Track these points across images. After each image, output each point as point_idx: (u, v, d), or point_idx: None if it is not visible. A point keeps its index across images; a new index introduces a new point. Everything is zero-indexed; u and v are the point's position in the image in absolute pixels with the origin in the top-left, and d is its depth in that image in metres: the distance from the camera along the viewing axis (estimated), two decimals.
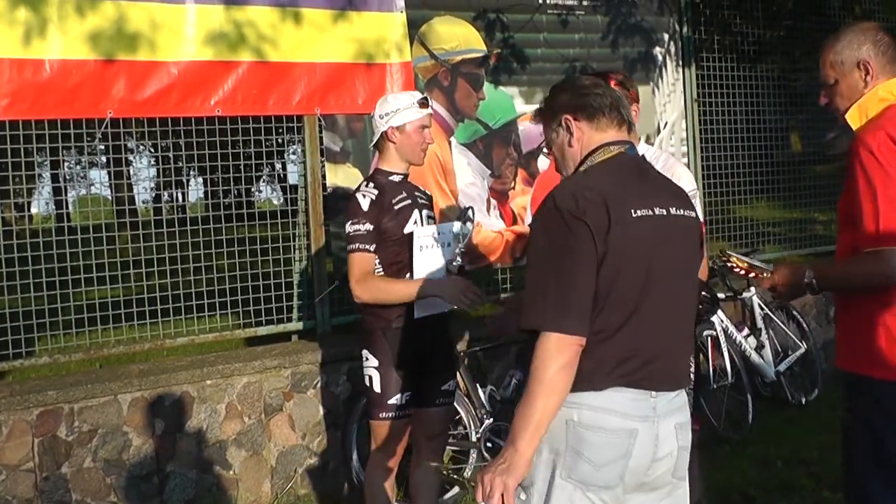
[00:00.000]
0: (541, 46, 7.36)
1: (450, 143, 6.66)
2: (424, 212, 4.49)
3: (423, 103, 4.41)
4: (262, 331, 6.16)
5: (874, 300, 3.18)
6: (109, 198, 7.56)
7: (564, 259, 2.62)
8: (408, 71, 6.42)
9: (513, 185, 7.01)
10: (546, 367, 2.56)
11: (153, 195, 8.56)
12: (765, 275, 3.53)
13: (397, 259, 4.35)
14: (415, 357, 4.42)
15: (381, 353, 4.38)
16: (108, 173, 7.44)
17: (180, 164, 6.47)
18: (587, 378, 2.64)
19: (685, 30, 8.10)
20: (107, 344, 5.73)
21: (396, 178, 4.44)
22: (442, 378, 4.59)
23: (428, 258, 4.36)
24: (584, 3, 7.52)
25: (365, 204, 4.29)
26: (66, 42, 5.46)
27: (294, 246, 6.30)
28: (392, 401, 4.37)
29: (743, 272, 3.86)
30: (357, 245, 4.28)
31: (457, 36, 6.77)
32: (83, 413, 5.25)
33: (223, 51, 5.81)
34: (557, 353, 2.56)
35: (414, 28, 6.54)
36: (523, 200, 7.05)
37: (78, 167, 9.21)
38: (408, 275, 4.36)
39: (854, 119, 3.32)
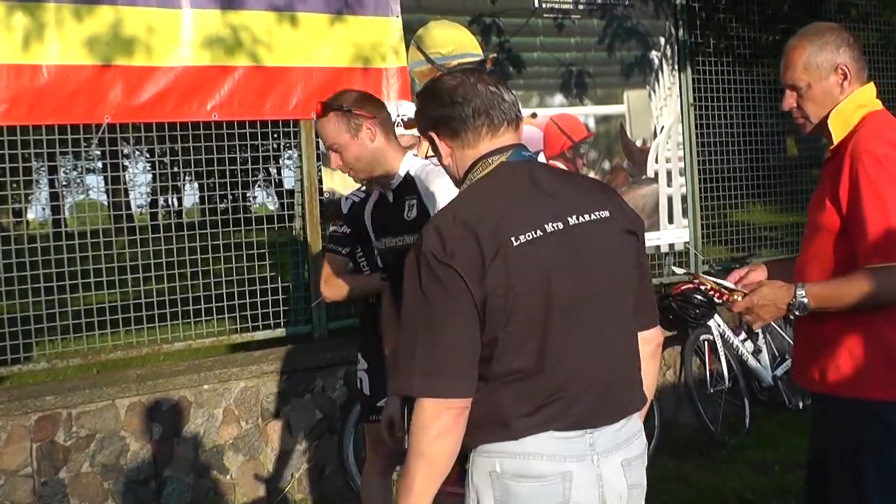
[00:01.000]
0: (537, 50, 7.37)
1: None
2: None
3: (408, 125, 4.37)
4: (259, 335, 6.16)
5: (882, 318, 2.97)
6: (106, 203, 7.55)
7: (433, 312, 2.27)
8: (404, 75, 6.43)
9: None
10: (422, 437, 2.26)
11: (149, 200, 8.58)
12: (737, 297, 3.09)
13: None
14: None
15: (371, 356, 4.38)
16: (105, 178, 7.44)
17: (176, 169, 6.48)
18: (503, 427, 2.32)
19: (681, 33, 8.11)
20: (104, 349, 5.74)
21: None
22: None
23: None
24: (580, 6, 7.53)
25: (346, 207, 4.33)
26: (64, 47, 5.47)
27: (290, 251, 6.31)
28: (381, 403, 4.36)
29: (716, 294, 3.26)
30: (330, 246, 4.36)
31: (453, 40, 6.77)
32: (81, 418, 5.25)
33: (219, 55, 5.83)
34: (433, 420, 2.25)
35: (410, 32, 6.55)
36: None
37: (74, 173, 9.23)
38: None
39: (837, 127, 3.08)
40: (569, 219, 2.37)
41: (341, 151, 3.67)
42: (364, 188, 4.36)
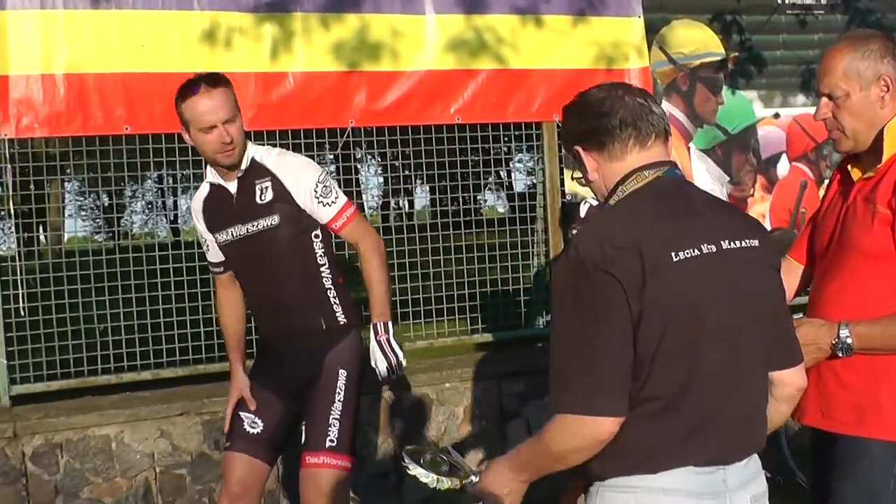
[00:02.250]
0: (779, 48, 7.11)
1: (688, 149, 6.53)
2: None
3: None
4: (501, 336, 6.20)
5: None
6: None
7: (592, 323, 2.14)
8: (646, 76, 6.34)
9: (752, 192, 6.81)
10: (563, 446, 2.18)
11: (380, 202, 8.77)
12: None
13: None
14: None
15: None
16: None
17: (408, 172, 6.60)
18: (642, 460, 2.19)
19: None
20: None
21: None
22: None
23: None
24: (823, 2, 7.24)
25: (583, 211, 4.29)
26: (310, 54, 5.66)
27: (532, 252, 6.33)
28: None
29: None
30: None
31: (695, 40, 6.64)
32: None
33: (463, 59, 5.91)
34: (579, 438, 2.15)
35: (652, 32, 6.46)
36: (762, 208, 6.84)
37: None
38: None
39: (893, 142, 2.78)
40: (722, 242, 2.25)
41: None
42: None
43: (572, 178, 4.06)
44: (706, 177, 6.58)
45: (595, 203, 4.29)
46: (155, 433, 5.21)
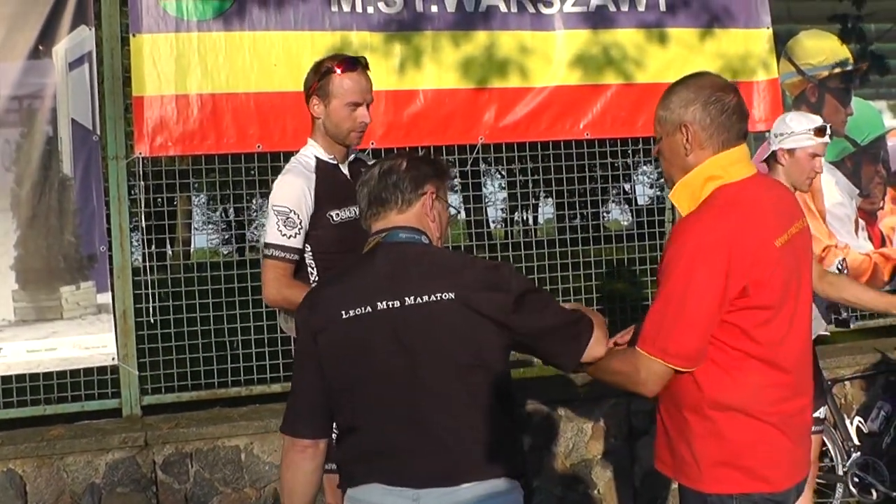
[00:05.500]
0: None
1: None
2: None
3: (820, 131, 4.29)
4: None
5: None
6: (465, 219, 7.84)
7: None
8: (774, 88, 6.26)
9: (881, 204, 6.67)
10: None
11: (505, 217, 8.82)
12: None
13: None
14: None
15: None
16: (464, 196, 7.73)
17: (533, 186, 6.57)
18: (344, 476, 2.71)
19: None
20: None
21: None
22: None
23: None
24: None
25: None
26: (440, 72, 5.71)
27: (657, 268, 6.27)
28: None
29: None
30: None
31: (823, 50, 6.54)
32: None
33: (592, 74, 5.91)
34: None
35: (780, 43, 6.37)
36: (892, 221, 6.69)
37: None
38: None
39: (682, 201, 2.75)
40: (405, 298, 2.63)
41: None
42: None
43: None
44: (835, 189, 6.46)
45: None
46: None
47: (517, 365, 6.07)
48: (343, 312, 2.58)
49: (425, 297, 2.57)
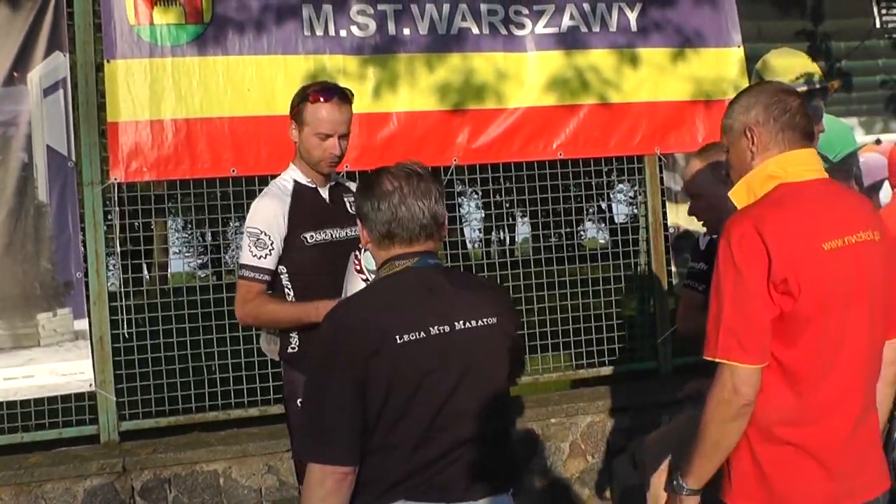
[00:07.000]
0: (878, 73, 7.03)
1: None
2: None
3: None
4: (605, 371, 6.19)
5: None
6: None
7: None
8: None
9: None
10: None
11: (481, 236, 8.85)
12: None
13: None
14: None
15: None
16: None
17: (509, 205, 6.60)
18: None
19: None
20: None
21: None
22: None
23: None
24: None
25: (703, 243, 4.19)
26: (413, 94, 5.73)
27: (635, 286, 6.32)
28: None
29: None
30: (688, 282, 4.20)
31: (794, 68, 6.56)
32: None
33: (564, 95, 5.94)
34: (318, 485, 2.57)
35: (751, 62, 6.42)
36: None
37: None
38: None
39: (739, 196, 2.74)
40: (455, 323, 2.66)
41: None
42: None
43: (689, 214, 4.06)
44: None
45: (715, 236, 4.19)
46: (262, 469, 5.30)
47: None
48: (398, 337, 2.56)
49: (473, 322, 2.66)
